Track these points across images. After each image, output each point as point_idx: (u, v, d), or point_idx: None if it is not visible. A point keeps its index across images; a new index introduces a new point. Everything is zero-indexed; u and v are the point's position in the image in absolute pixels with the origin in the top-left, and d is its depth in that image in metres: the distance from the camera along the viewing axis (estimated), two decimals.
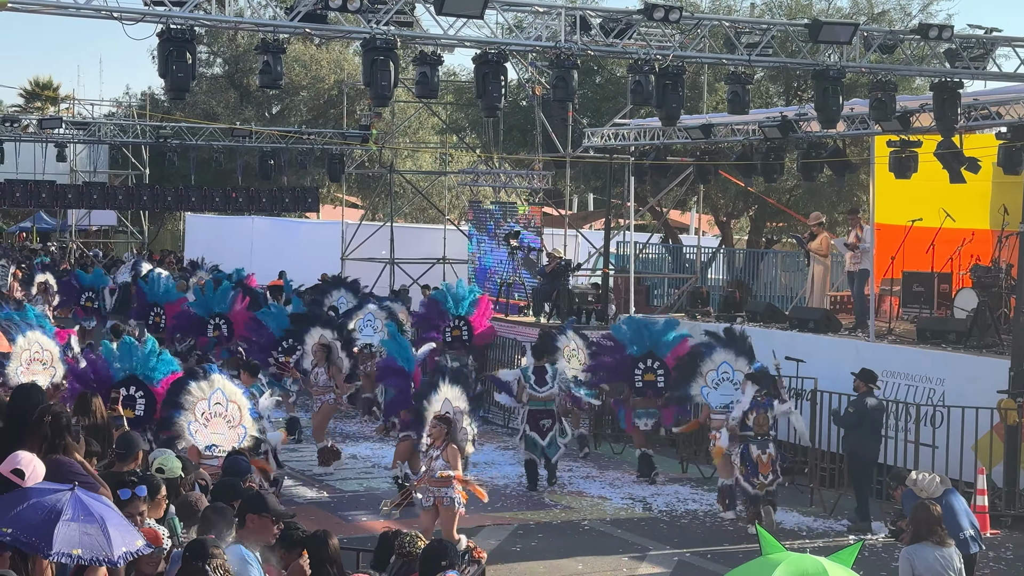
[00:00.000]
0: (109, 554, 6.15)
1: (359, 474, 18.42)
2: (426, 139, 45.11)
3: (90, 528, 6.17)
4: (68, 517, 6.15)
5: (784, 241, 34.14)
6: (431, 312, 23.40)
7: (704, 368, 17.05)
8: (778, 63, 20.08)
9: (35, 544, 6.03)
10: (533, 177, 28.76)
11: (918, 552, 10.11)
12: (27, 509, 6.18)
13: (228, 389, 12.61)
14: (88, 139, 37.56)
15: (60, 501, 6.25)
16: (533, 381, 18.05)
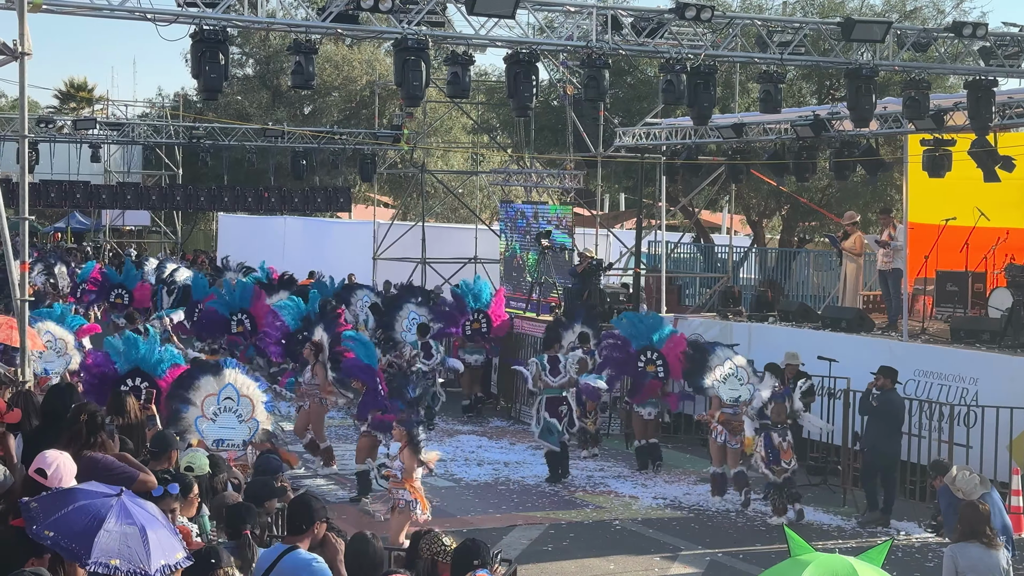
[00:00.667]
0: (146, 567, 6.06)
1: None
2: (457, 139, 45.17)
3: (131, 538, 6.10)
4: (111, 525, 6.09)
5: (816, 240, 34.00)
6: (454, 308, 23.89)
7: (712, 363, 17.35)
8: (810, 62, 20.03)
9: (74, 551, 5.98)
10: (564, 177, 28.76)
11: (963, 551, 10.05)
12: (72, 512, 6.14)
13: (240, 383, 12.54)
14: (122, 140, 37.82)
15: (105, 507, 6.18)
16: (548, 370, 18.61)
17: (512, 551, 13.82)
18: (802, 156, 23.15)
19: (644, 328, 19.46)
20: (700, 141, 24.86)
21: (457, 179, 40.75)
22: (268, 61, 49.28)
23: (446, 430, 21.86)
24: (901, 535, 15.47)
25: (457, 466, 18.91)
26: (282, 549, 7.69)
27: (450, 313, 23.90)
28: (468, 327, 23.76)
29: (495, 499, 16.90)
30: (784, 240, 33.37)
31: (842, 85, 21.51)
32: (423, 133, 37.31)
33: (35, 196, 35.29)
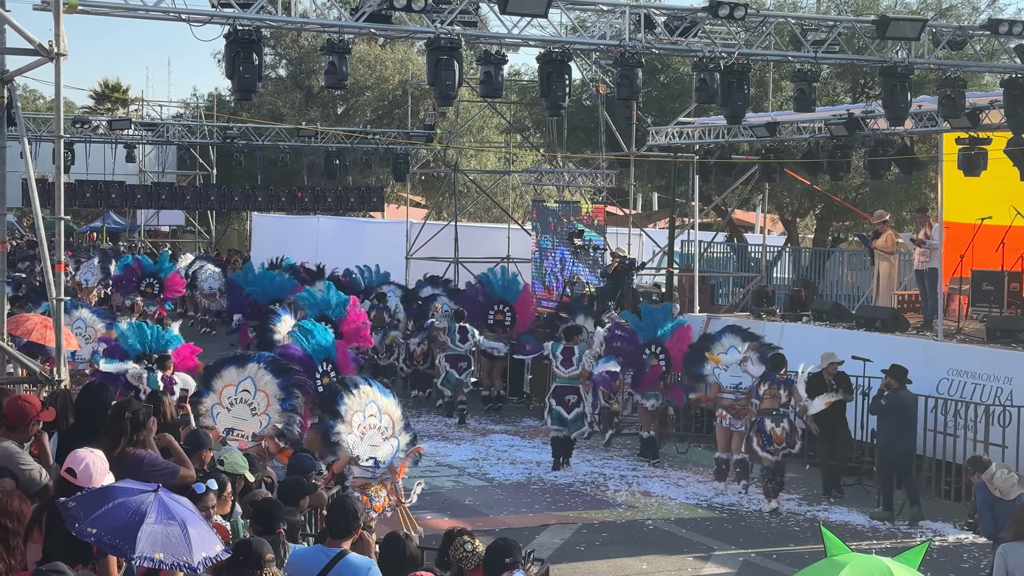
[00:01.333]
0: (189, 559, 6.15)
1: (423, 472, 18.43)
2: (490, 138, 45.18)
3: (172, 532, 6.18)
4: (152, 520, 6.17)
5: (850, 240, 33.84)
6: (478, 294, 24.03)
7: (715, 351, 17.88)
8: (845, 60, 19.95)
9: (118, 546, 6.05)
10: (597, 176, 28.73)
11: (1016, 551, 9.98)
12: (113, 509, 6.21)
13: (260, 377, 12.60)
14: (157, 140, 38.04)
15: (145, 503, 6.27)
16: (560, 361, 18.96)
17: (545, 551, 13.81)
18: (836, 155, 23.05)
19: (651, 321, 19.67)
20: (733, 140, 24.79)
21: (490, 178, 40.74)
22: (301, 61, 49.45)
23: (478, 429, 21.88)
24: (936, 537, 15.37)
25: (490, 465, 18.92)
26: (331, 553, 7.66)
27: (475, 300, 23.97)
28: (492, 317, 23.80)
29: (527, 499, 16.91)
30: (818, 239, 33.22)
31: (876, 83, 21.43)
32: (456, 132, 37.34)
33: (71, 196, 35.68)
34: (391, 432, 11.57)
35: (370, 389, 11.62)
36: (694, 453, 20.12)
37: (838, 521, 16.07)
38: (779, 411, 16.69)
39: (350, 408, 11.37)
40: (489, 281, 24.32)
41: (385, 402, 11.68)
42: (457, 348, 22.58)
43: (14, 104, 12.72)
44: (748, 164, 26.02)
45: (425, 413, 23.22)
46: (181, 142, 38.80)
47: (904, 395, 16.29)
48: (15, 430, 8.30)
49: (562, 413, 18.87)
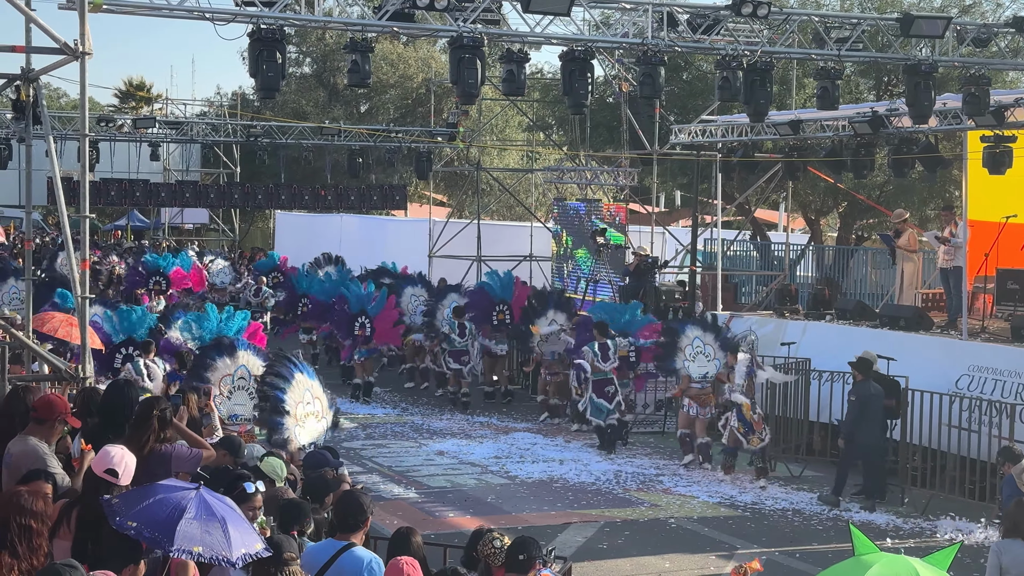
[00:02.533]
0: (228, 554, 6.21)
1: (446, 470, 18.50)
2: (512, 137, 45.18)
3: (212, 528, 6.25)
4: (191, 515, 6.25)
5: (874, 238, 33.71)
6: (481, 300, 24.72)
7: (682, 343, 19.04)
8: (868, 58, 19.85)
9: (157, 539, 6.12)
10: (619, 174, 28.68)
11: (1009, 547, 9.93)
12: (153, 504, 6.31)
13: (252, 364, 13.20)
14: (181, 138, 38.14)
15: (185, 499, 6.36)
16: (599, 356, 19.99)
17: (567, 549, 13.79)
18: (860, 153, 22.94)
19: (617, 315, 21.19)
20: (756, 138, 24.71)
21: (512, 177, 40.74)
22: (324, 60, 49.54)
23: (501, 427, 21.88)
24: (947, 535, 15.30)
25: (512, 464, 18.91)
26: (338, 546, 7.71)
27: (478, 304, 24.65)
28: (495, 318, 24.51)
29: (550, 497, 16.89)
30: (841, 237, 33.10)
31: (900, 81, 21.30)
32: (478, 131, 37.35)
33: (96, 194, 35.83)
34: (322, 414, 12.33)
35: (303, 376, 12.25)
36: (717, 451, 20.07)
37: (861, 520, 16.00)
38: (753, 399, 17.95)
39: (292, 400, 11.94)
40: (489, 285, 25.08)
41: (314, 385, 12.34)
42: (458, 343, 23.73)
43: (39, 103, 12.77)
44: (771, 162, 25.93)
45: (448, 411, 23.25)
46: (205, 140, 38.90)
47: (869, 387, 16.67)
48: (42, 423, 8.33)
49: (604, 404, 19.90)
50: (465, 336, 23.82)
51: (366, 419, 22.32)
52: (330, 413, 12.69)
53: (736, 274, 28.56)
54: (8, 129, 33.58)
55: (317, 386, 12.52)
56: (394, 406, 23.76)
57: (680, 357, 19.03)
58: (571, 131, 32.80)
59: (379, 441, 20.40)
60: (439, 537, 12.39)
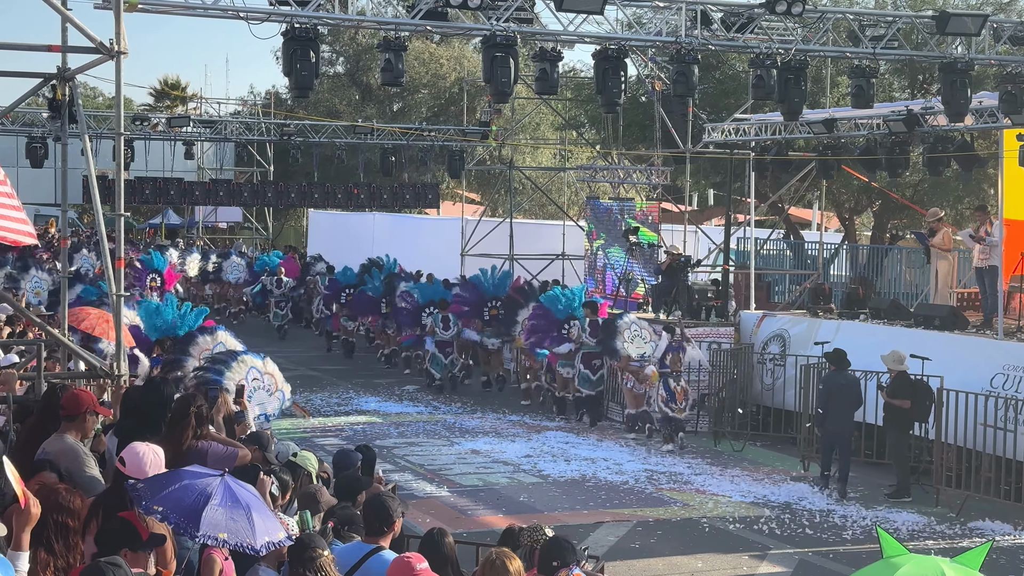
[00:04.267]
0: (252, 542, 6.24)
1: (478, 469, 18.51)
2: (545, 135, 45.16)
3: (237, 514, 6.27)
4: (217, 502, 6.28)
5: (908, 236, 33.53)
6: (472, 296, 25.66)
7: (621, 326, 20.97)
8: (903, 56, 19.74)
9: (183, 524, 6.15)
10: (652, 173, 28.62)
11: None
12: (179, 490, 6.33)
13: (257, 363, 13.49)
14: (215, 137, 38.35)
15: (211, 486, 6.38)
16: (588, 332, 21.69)
17: (599, 548, 13.78)
18: (895, 151, 22.83)
19: (566, 301, 22.55)
20: (790, 137, 24.61)
21: (545, 175, 40.72)
22: (358, 59, 49.66)
23: (533, 426, 21.88)
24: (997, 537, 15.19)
25: (544, 462, 18.90)
26: (366, 549, 7.71)
27: (469, 300, 25.59)
28: (487, 313, 25.37)
29: (582, 496, 16.88)
30: (876, 236, 32.92)
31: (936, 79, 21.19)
32: (511, 129, 37.35)
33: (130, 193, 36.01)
34: (276, 386, 13.28)
35: (247, 357, 13.25)
36: (750, 451, 20.02)
37: (897, 521, 15.92)
38: (679, 374, 20.07)
39: (234, 378, 12.85)
40: (480, 281, 25.89)
41: (261, 363, 13.26)
42: (443, 335, 25.11)
43: (75, 102, 12.86)
44: (805, 161, 25.82)
45: (481, 409, 23.27)
46: (239, 139, 39.05)
47: (839, 377, 17.50)
48: (73, 419, 8.35)
49: (589, 375, 21.76)
50: (450, 329, 25.09)
51: (399, 417, 22.37)
52: (287, 386, 13.46)
53: (769, 273, 28.44)
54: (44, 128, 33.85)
55: (268, 363, 13.40)
56: (426, 404, 23.80)
57: (619, 339, 20.87)
58: (604, 130, 32.75)
59: (411, 439, 20.43)
60: (471, 536, 12.40)
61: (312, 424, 21.28)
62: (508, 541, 8.06)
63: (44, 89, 13.44)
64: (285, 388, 13.47)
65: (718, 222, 37.78)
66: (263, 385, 13.22)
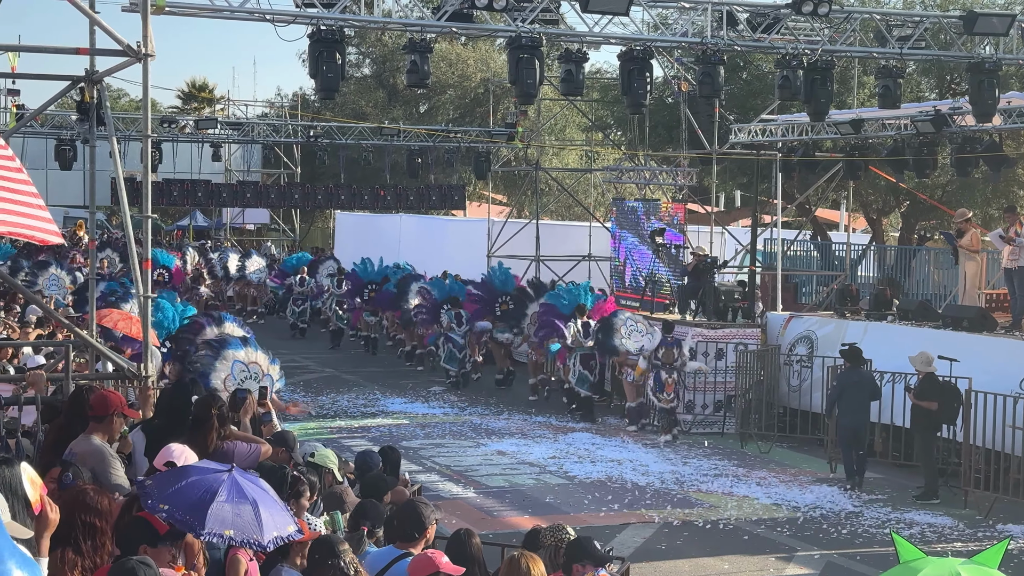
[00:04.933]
0: (259, 537, 6.19)
1: (504, 470, 18.52)
2: (571, 137, 45.15)
3: (242, 510, 6.22)
4: (223, 498, 6.21)
5: (936, 237, 33.36)
6: (485, 292, 26.45)
7: (617, 323, 21.93)
8: (931, 56, 19.65)
9: (189, 522, 6.11)
10: (678, 174, 28.57)
11: None
12: (186, 487, 6.29)
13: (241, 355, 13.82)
14: (242, 139, 38.52)
15: (217, 481, 6.33)
16: (582, 334, 22.50)
17: (625, 549, 13.76)
18: (922, 152, 22.73)
19: (572, 298, 23.47)
20: (817, 137, 24.53)
21: (571, 176, 40.70)
22: (384, 60, 49.76)
23: (559, 427, 21.88)
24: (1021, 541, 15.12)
25: (570, 463, 18.89)
26: (396, 554, 7.71)
27: (482, 297, 26.42)
28: (499, 308, 26.08)
29: (608, 497, 16.86)
30: (903, 237, 32.78)
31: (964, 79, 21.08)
32: (537, 131, 37.35)
33: (158, 195, 36.27)
34: (262, 372, 13.65)
35: (229, 352, 13.61)
36: (777, 452, 19.96)
37: (924, 523, 15.84)
38: (671, 366, 20.83)
39: (219, 375, 13.28)
40: (490, 278, 26.86)
41: (243, 354, 13.63)
42: (457, 332, 25.79)
43: (103, 104, 12.93)
44: (832, 161, 25.73)
45: (507, 411, 23.27)
46: (266, 141, 39.24)
47: (853, 375, 17.79)
48: (101, 420, 8.40)
49: (587, 376, 22.43)
50: (463, 325, 25.81)
51: (425, 418, 22.39)
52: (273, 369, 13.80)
53: (796, 274, 28.36)
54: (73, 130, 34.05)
55: (250, 351, 13.77)
56: (452, 405, 23.82)
57: (617, 337, 21.78)
58: (630, 131, 32.72)
59: (437, 440, 20.45)
60: (497, 537, 12.40)
61: (338, 425, 21.34)
62: (532, 542, 8.05)
63: (72, 92, 13.52)
64: (272, 371, 13.79)
65: (745, 223, 37.67)
66: (249, 374, 13.58)
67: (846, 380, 17.90)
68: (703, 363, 21.43)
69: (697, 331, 22.03)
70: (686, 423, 21.63)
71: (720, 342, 21.82)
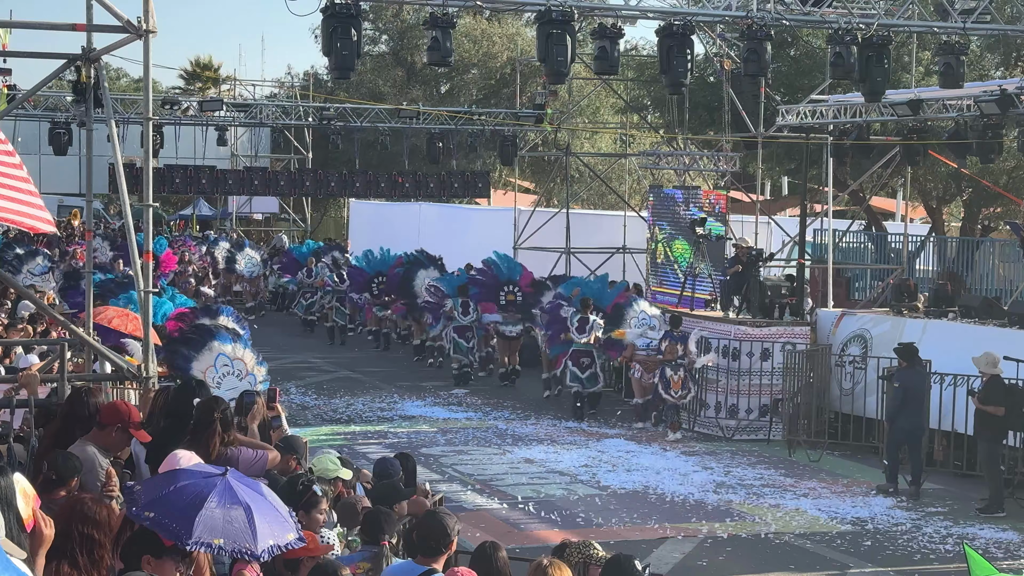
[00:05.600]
0: (252, 546, 6.08)
1: (532, 479, 18.53)
2: (605, 119, 45.11)
3: (234, 516, 6.13)
4: (214, 504, 6.12)
5: (1002, 228, 33.18)
6: (488, 279, 26.95)
7: (628, 316, 22.85)
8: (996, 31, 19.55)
9: (175, 530, 6.04)
10: (721, 159, 28.52)
11: None
12: (174, 492, 6.21)
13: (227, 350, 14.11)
14: (249, 122, 38.62)
15: (208, 487, 6.23)
16: (575, 327, 23.13)
17: (663, 565, 13.77)
18: (986, 135, 22.62)
19: (589, 292, 24.08)
20: (872, 119, 24.45)
21: (604, 162, 40.66)
22: (403, 37, 49.81)
23: (592, 433, 21.88)
24: None
25: (603, 472, 18.90)
26: (419, 570, 7.71)
27: (485, 283, 26.93)
28: (503, 298, 26.54)
29: (645, 509, 16.86)
30: (966, 228, 32.63)
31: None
32: (568, 113, 37.32)
33: (159, 182, 36.38)
34: (246, 371, 13.98)
35: (216, 343, 14.01)
36: (827, 461, 19.91)
37: (989, 538, 15.78)
38: (676, 362, 21.57)
39: (200, 367, 13.72)
40: (495, 264, 27.28)
41: (230, 349, 14.06)
42: (462, 320, 26.32)
43: (101, 84, 12.98)
44: (888, 146, 25.63)
45: (535, 415, 23.29)
46: (275, 124, 39.35)
47: (912, 374, 17.87)
48: (103, 428, 8.44)
49: (577, 373, 23.05)
50: (469, 315, 26.29)
51: (446, 423, 22.43)
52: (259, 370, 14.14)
53: (849, 268, 28.26)
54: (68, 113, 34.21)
55: (238, 347, 14.08)
56: (476, 409, 23.84)
57: (623, 327, 22.70)
58: (668, 113, 32.66)
59: (460, 447, 20.48)
60: (524, 551, 12.42)
61: (353, 431, 21.40)
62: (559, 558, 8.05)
63: (68, 71, 13.56)
64: (257, 372, 14.07)
65: (792, 212, 37.56)
66: (232, 371, 13.90)
67: (908, 381, 17.90)
68: (713, 356, 21.82)
69: (741, 330, 21.98)
70: (728, 429, 21.61)
71: (766, 341, 21.76)
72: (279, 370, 24.82)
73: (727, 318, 22.86)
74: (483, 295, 26.64)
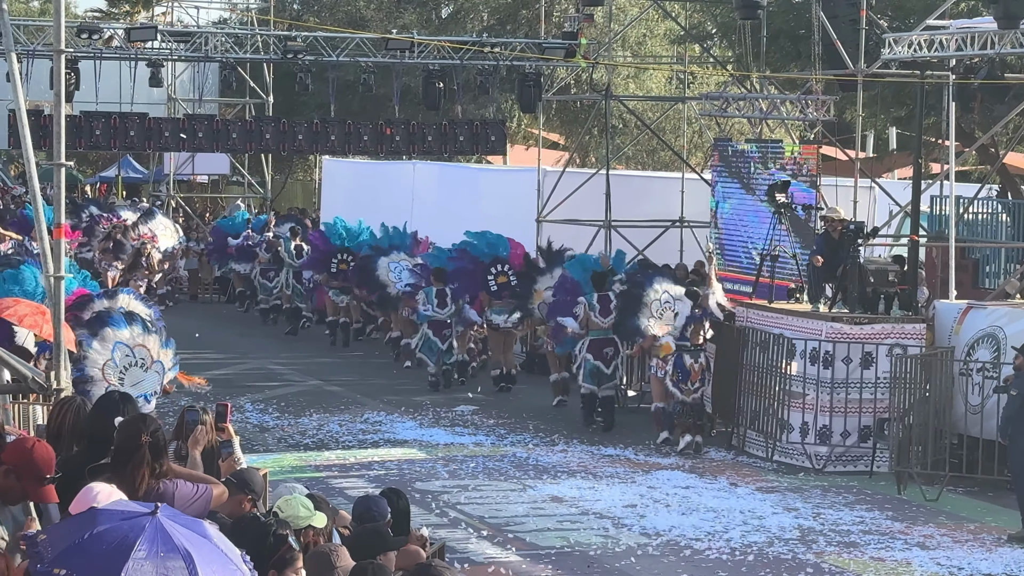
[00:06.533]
0: None
1: (561, 523, 18.56)
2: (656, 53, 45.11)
3: (172, 566, 6.12)
4: (143, 553, 6.10)
5: None
6: (468, 266, 27.74)
7: (648, 299, 23.22)
8: None
9: None
10: (809, 104, 28.48)
11: None
12: (90, 540, 6.18)
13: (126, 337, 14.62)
14: (192, 56, 38.58)
15: (135, 529, 6.22)
16: (598, 310, 23.94)
17: None
18: None
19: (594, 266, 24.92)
20: (1006, 52, 24.38)
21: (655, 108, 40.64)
22: None
23: (639, 463, 21.89)
24: None
25: (654, 515, 18.90)
26: None
27: (465, 271, 27.66)
28: (494, 282, 27.28)
29: (707, 564, 16.86)
30: None
31: None
32: (607, 44, 37.30)
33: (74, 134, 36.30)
34: (151, 359, 14.51)
35: (111, 331, 14.46)
36: (948, 500, 19.89)
37: None
38: (697, 347, 22.58)
39: (96, 363, 14.22)
40: (471, 245, 28.07)
41: (127, 334, 14.49)
42: (437, 313, 27.17)
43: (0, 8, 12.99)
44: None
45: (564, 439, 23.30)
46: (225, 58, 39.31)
47: None
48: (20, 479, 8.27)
49: (601, 368, 24.03)
50: (447, 307, 27.12)
51: (448, 449, 22.46)
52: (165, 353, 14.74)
53: (978, 246, 28.24)
54: None
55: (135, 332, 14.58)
56: (487, 431, 23.87)
57: (644, 316, 23.16)
58: (739, 44, 32.65)
59: (466, 481, 20.51)
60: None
61: (327, 460, 21.43)
62: None
63: None
64: (163, 357, 14.61)
65: (903, 174, 37.52)
66: (135, 360, 14.44)
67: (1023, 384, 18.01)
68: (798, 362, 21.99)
69: (835, 328, 21.93)
70: (819, 458, 21.52)
71: (868, 343, 21.71)
72: (229, 380, 24.93)
73: (817, 312, 22.80)
74: (467, 287, 27.09)
